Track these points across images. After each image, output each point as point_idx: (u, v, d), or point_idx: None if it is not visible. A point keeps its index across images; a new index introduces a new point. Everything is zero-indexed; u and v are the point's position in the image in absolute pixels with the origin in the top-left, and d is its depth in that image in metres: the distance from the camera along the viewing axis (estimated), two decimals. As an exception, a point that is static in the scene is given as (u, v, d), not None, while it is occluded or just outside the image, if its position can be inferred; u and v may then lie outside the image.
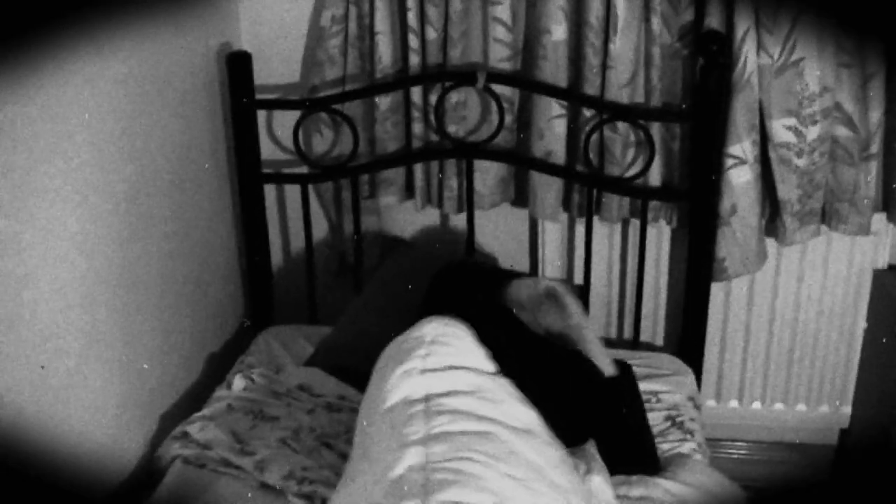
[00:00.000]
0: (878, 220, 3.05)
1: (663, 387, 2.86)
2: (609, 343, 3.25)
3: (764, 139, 2.92)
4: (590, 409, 2.28)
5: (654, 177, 3.02)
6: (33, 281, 2.09)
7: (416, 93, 3.08)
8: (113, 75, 2.43)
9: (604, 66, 2.92)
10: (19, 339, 2.05)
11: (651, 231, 3.13)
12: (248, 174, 3.11)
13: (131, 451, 2.53)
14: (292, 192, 3.28)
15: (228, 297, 3.19)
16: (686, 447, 2.64)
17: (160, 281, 2.67)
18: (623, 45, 2.88)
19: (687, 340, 3.11)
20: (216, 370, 2.96)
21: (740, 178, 2.91)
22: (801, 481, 3.41)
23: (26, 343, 2.08)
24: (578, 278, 3.22)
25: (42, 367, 2.11)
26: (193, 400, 2.79)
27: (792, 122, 2.87)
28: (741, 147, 2.88)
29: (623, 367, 2.43)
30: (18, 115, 2.01)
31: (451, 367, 1.98)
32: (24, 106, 2.04)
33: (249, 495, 2.34)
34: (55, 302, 2.18)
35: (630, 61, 2.91)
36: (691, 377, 2.97)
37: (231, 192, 3.16)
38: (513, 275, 2.53)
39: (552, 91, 2.97)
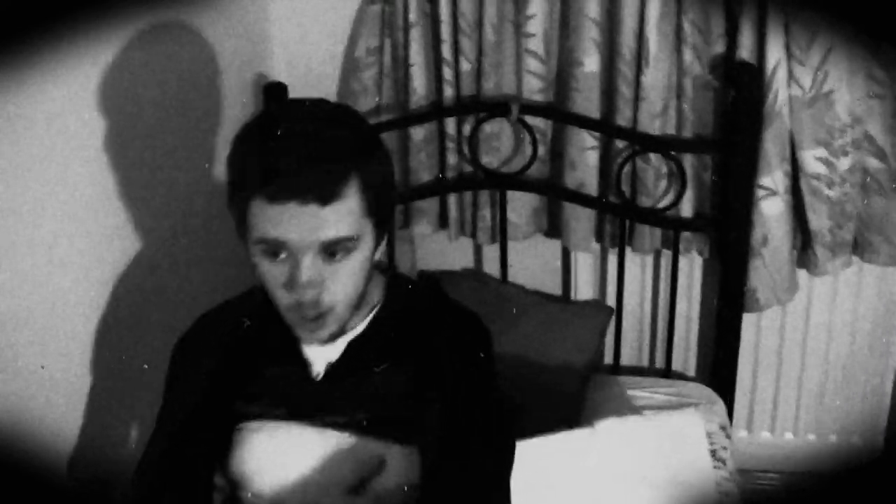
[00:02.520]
0: (910, 250, 3.05)
1: (695, 415, 2.88)
2: (641, 372, 3.29)
3: (795, 170, 2.93)
4: None
5: (686, 208, 3.04)
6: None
7: (449, 124, 3.10)
8: (149, 103, 2.47)
9: (636, 98, 2.95)
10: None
11: (683, 261, 3.14)
12: (283, 204, 3.14)
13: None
14: (327, 221, 3.30)
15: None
16: (718, 475, 2.66)
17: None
18: (655, 77, 2.90)
19: (718, 370, 3.12)
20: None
21: (772, 209, 2.92)
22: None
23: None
24: (610, 308, 3.24)
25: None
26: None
27: (823, 153, 2.88)
28: (772, 178, 2.89)
29: None
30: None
31: None
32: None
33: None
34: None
35: (662, 92, 2.93)
36: (722, 406, 2.98)
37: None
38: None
39: (585, 122, 2.99)
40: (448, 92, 3.06)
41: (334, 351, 1.95)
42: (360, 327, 1.96)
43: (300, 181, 1.71)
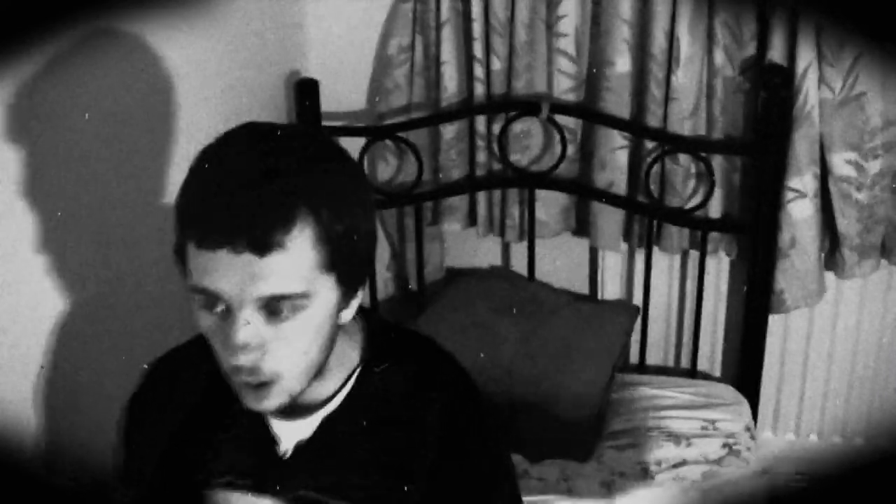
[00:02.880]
0: (939, 254, 3.05)
1: (720, 415, 2.90)
2: (666, 371, 3.30)
3: (825, 172, 2.93)
4: None
5: (715, 208, 3.04)
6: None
7: (480, 122, 3.12)
8: (182, 100, 2.48)
9: (666, 99, 2.95)
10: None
11: (710, 262, 3.14)
12: (313, 200, 3.15)
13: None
14: (356, 218, 3.31)
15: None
16: (743, 475, 2.68)
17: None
18: (686, 78, 2.91)
19: (744, 371, 3.12)
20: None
21: (801, 212, 2.92)
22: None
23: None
24: (637, 308, 3.25)
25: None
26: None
27: (853, 155, 2.89)
28: (802, 180, 2.90)
29: None
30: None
31: None
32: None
33: None
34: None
35: (692, 94, 2.94)
36: (747, 407, 2.99)
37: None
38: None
39: (615, 122, 3.00)
40: (479, 90, 3.08)
41: (307, 428, 1.68)
42: (337, 400, 1.68)
43: (233, 225, 1.44)
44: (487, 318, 3.05)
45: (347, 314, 1.61)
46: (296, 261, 1.47)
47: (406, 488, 1.66)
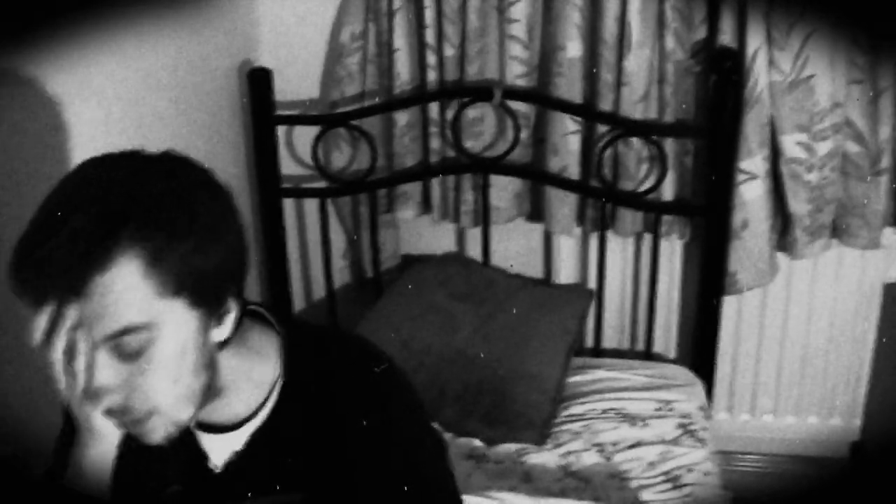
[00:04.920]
0: (889, 234, 3.08)
1: (675, 396, 2.92)
2: (622, 354, 3.32)
3: (775, 154, 2.96)
4: None
5: (667, 191, 3.07)
6: None
7: (433, 109, 3.13)
8: (134, 89, 2.48)
9: (618, 83, 2.97)
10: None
11: (664, 245, 3.16)
12: (267, 189, 3.17)
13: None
14: (311, 206, 3.33)
15: (247, 309, 3.21)
16: (698, 455, 2.70)
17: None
18: (637, 62, 2.93)
19: (699, 352, 3.15)
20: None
21: (752, 193, 2.95)
22: (813, 494, 3.43)
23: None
24: (592, 291, 3.27)
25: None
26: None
27: (803, 137, 2.91)
28: (753, 162, 2.92)
29: None
30: (23, 122, 2.03)
31: None
32: (30, 117, 2.06)
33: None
34: None
35: (644, 78, 2.96)
36: (702, 388, 3.02)
37: (251, 207, 3.20)
38: None
39: (567, 107, 3.02)
40: (432, 77, 3.09)
41: (235, 442, 1.65)
42: (263, 414, 1.63)
43: (45, 284, 1.39)
44: (444, 304, 3.06)
45: (221, 332, 1.53)
46: (123, 294, 1.39)
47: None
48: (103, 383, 1.44)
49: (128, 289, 1.39)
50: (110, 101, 2.37)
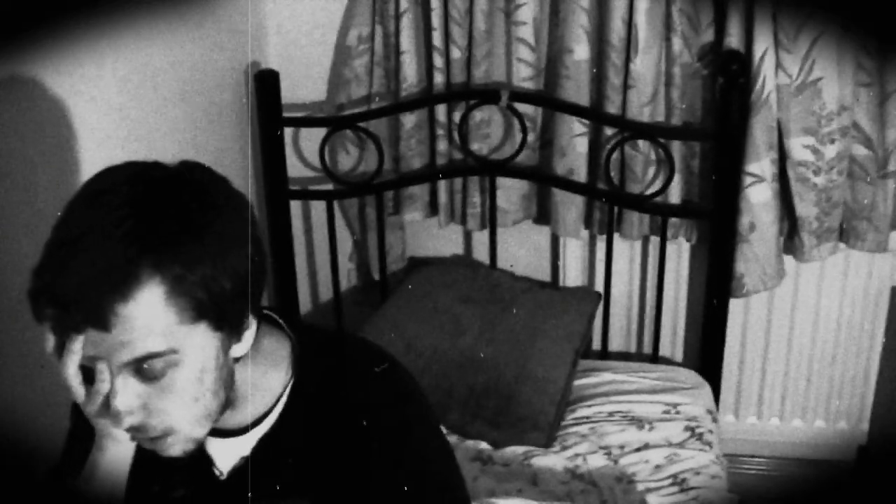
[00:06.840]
0: (896, 237, 3.09)
1: (682, 399, 2.92)
2: (628, 357, 3.32)
3: (782, 157, 2.96)
4: None
5: (674, 194, 3.06)
6: None
7: (440, 111, 3.12)
8: (140, 90, 2.47)
9: (625, 86, 2.97)
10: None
11: (671, 248, 3.16)
12: (274, 191, 3.16)
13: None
14: (318, 208, 3.33)
15: (253, 310, 3.20)
16: (705, 458, 2.70)
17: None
18: (644, 65, 2.93)
19: (705, 355, 3.14)
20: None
21: (759, 196, 2.95)
22: (819, 497, 3.42)
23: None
24: (599, 294, 3.26)
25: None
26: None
27: (810, 140, 2.91)
28: (760, 165, 2.92)
29: None
30: (23, 123, 2.02)
31: None
32: (31, 116, 2.05)
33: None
34: None
35: (651, 80, 2.95)
36: (709, 391, 3.01)
37: (258, 209, 3.20)
38: None
39: (574, 110, 3.01)
40: (439, 79, 3.09)
41: (242, 447, 1.65)
42: (270, 419, 1.63)
43: (69, 312, 1.38)
44: (450, 307, 3.06)
45: (240, 348, 1.53)
46: (148, 323, 1.39)
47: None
48: (124, 407, 1.44)
49: (150, 318, 1.39)
50: (115, 103, 2.36)
